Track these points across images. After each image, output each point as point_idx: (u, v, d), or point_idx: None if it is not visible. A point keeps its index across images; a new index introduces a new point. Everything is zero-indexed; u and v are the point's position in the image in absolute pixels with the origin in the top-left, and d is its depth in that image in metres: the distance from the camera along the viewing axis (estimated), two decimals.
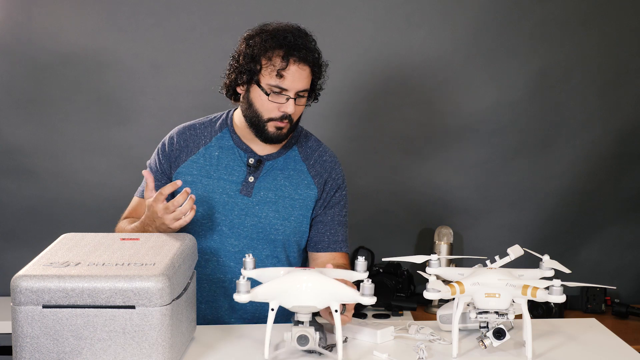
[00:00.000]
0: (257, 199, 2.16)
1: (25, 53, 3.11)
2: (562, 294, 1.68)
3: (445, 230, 3.20)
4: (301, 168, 2.21)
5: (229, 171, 2.17)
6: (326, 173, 2.22)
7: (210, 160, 2.19)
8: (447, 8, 3.16)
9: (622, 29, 3.19)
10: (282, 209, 2.16)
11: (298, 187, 2.19)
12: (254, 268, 1.79)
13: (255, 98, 2.11)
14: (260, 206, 2.15)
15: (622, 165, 3.30)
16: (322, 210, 2.21)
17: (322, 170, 2.22)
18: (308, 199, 2.19)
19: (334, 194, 2.22)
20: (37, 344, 1.57)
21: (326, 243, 2.22)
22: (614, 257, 3.37)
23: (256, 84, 2.09)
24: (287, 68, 2.06)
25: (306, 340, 1.68)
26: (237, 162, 2.18)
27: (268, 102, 2.08)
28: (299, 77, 2.07)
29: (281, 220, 2.16)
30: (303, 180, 2.20)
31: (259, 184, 2.17)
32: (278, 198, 2.16)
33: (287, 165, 2.21)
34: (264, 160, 2.19)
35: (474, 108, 3.24)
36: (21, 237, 3.25)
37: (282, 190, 2.17)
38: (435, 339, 1.86)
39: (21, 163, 3.20)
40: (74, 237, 1.83)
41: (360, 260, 1.77)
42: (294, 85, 2.07)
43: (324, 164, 2.23)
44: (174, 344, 1.64)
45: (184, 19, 3.14)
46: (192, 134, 2.24)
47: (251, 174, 2.17)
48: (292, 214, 2.17)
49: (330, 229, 2.22)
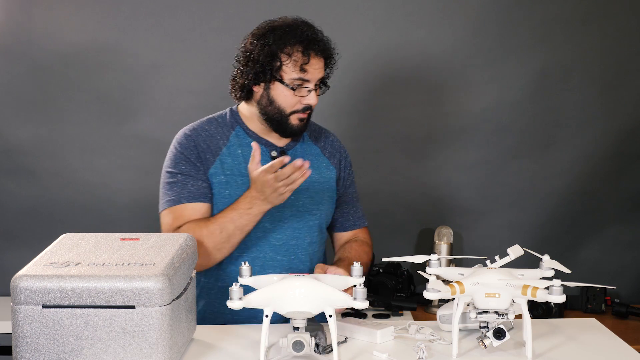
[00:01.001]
0: None
1: (25, 53, 3.11)
2: (562, 294, 1.68)
3: (445, 230, 3.20)
4: (316, 152, 2.28)
5: None
6: (337, 153, 2.30)
7: (236, 159, 2.20)
8: (447, 8, 3.16)
9: (622, 29, 3.19)
10: (314, 194, 2.22)
11: (320, 170, 2.25)
12: (250, 275, 1.80)
13: (277, 94, 2.14)
14: (295, 195, 2.15)
15: (622, 165, 3.29)
16: (344, 189, 2.30)
17: (333, 150, 2.30)
18: (331, 180, 2.27)
19: (349, 172, 2.31)
20: (37, 344, 1.57)
21: (352, 221, 2.31)
22: (614, 257, 3.37)
23: (278, 80, 2.12)
24: (310, 61, 2.11)
25: (301, 346, 1.69)
26: (261, 157, 2.18)
27: (292, 97, 2.13)
28: (318, 69, 2.14)
29: (316, 205, 2.22)
30: (322, 163, 2.27)
31: None
32: (308, 184, 2.19)
33: (305, 151, 2.26)
34: (285, 150, 2.23)
35: (474, 108, 3.23)
36: (21, 237, 3.25)
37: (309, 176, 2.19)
38: (435, 339, 1.86)
39: (21, 163, 3.20)
40: (74, 237, 1.83)
41: (356, 265, 1.77)
42: (315, 76, 2.13)
43: (333, 144, 2.32)
44: (174, 344, 1.64)
45: (184, 19, 3.14)
46: (207, 134, 2.22)
47: None
48: (323, 197, 2.24)
49: (352, 207, 2.32)
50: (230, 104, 3.32)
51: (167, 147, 3.23)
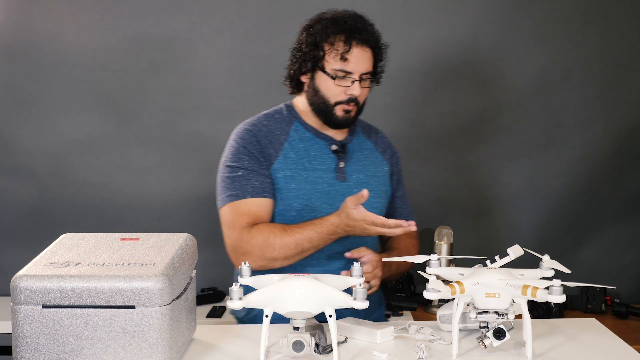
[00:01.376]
0: (352, 182, 2.20)
1: (25, 53, 3.11)
2: (562, 294, 1.68)
3: (445, 230, 3.20)
4: (370, 147, 2.29)
5: (319, 161, 2.20)
6: (388, 148, 2.32)
7: (299, 153, 2.20)
8: (447, 8, 3.16)
9: (622, 29, 3.19)
10: (375, 188, 2.22)
11: (376, 164, 2.27)
12: (250, 275, 1.80)
13: (320, 84, 2.15)
14: (358, 189, 2.16)
15: (622, 165, 3.30)
16: (397, 185, 2.32)
17: (385, 145, 2.32)
18: (386, 175, 2.28)
19: (400, 168, 2.33)
20: (37, 344, 1.57)
21: (404, 216, 2.31)
22: (614, 257, 3.37)
23: (321, 69, 2.14)
24: (350, 51, 2.11)
25: (301, 346, 1.69)
26: (322, 151, 2.21)
27: (334, 87, 2.13)
28: (362, 59, 2.12)
29: (377, 199, 2.23)
30: (377, 158, 2.29)
31: (349, 168, 2.22)
32: (369, 178, 2.21)
33: (361, 146, 2.27)
34: (345, 144, 2.24)
35: (474, 108, 3.24)
36: (21, 237, 3.25)
37: (368, 170, 2.23)
38: (435, 339, 1.86)
39: (21, 163, 3.20)
40: (74, 237, 1.83)
41: (356, 265, 1.77)
42: (358, 67, 2.12)
43: (383, 140, 2.33)
44: (174, 344, 1.64)
45: (184, 19, 3.14)
46: (267, 130, 2.21)
47: (341, 159, 2.21)
48: (382, 191, 2.25)
49: (404, 202, 2.34)
50: (230, 103, 3.32)
51: (167, 147, 3.25)
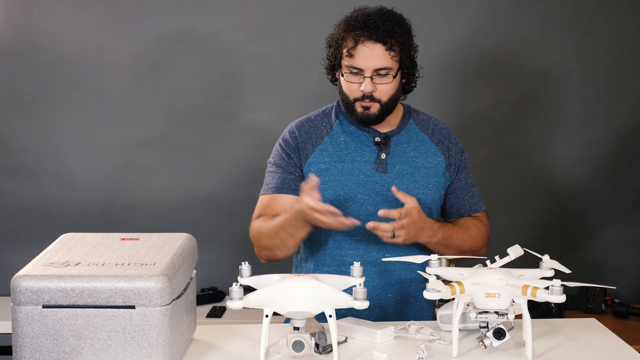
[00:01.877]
0: (393, 173, 2.20)
1: (25, 53, 3.12)
2: (562, 294, 1.68)
3: None
4: (423, 138, 2.27)
5: (359, 152, 2.21)
6: (446, 139, 2.29)
7: (338, 146, 2.22)
8: (447, 8, 3.16)
9: (622, 29, 3.19)
10: (419, 179, 2.21)
11: (427, 156, 2.24)
12: (250, 275, 1.80)
13: (342, 82, 2.17)
14: (399, 179, 2.18)
15: (622, 165, 3.30)
16: (455, 175, 2.29)
17: (442, 137, 2.29)
18: (439, 166, 2.25)
19: (461, 158, 2.30)
20: (37, 344, 1.57)
21: (467, 206, 2.30)
22: (614, 257, 3.37)
23: (339, 67, 2.16)
24: (355, 47, 2.11)
25: (301, 346, 1.69)
26: (365, 143, 2.21)
27: (347, 83, 2.14)
28: (370, 55, 2.11)
29: (422, 190, 2.20)
30: (429, 149, 2.26)
31: (392, 159, 2.21)
32: (413, 169, 2.20)
33: (411, 138, 2.26)
34: (389, 136, 2.23)
35: (474, 108, 3.24)
36: (21, 237, 3.25)
37: (414, 161, 2.22)
38: (435, 339, 1.86)
39: (21, 163, 3.20)
40: (74, 237, 1.83)
41: (356, 265, 1.77)
42: (367, 64, 2.11)
43: (442, 131, 2.30)
44: (174, 344, 1.64)
45: (184, 19, 3.14)
46: (311, 125, 2.26)
47: (382, 151, 2.21)
48: (429, 182, 2.22)
49: (467, 192, 2.30)
50: (230, 103, 3.33)
51: (166, 147, 3.25)
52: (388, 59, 2.13)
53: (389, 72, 2.14)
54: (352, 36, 2.11)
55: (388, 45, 2.12)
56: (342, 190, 2.18)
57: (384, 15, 2.15)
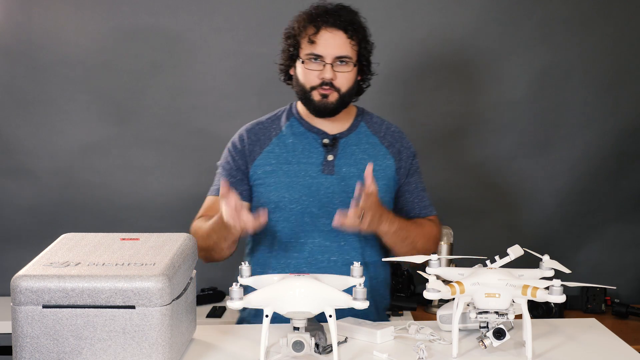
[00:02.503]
0: (340, 175, 2.20)
1: (25, 53, 3.12)
2: (562, 294, 1.68)
3: (445, 230, 3.20)
4: (374, 141, 2.27)
5: (306, 154, 2.21)
6: (398, 143, 2.29)
7: (285, 148, 2.23)
8: (447, 8, 3.16)
9: (622, 29, 3.19)
10: None
11: (376, 158, 2.24)
12: (250, 275, 1.80)
13: (298, 72, 2.18)
14: (345, 182, 2.18)
15: (622, 165, 3.30)
16: (406, 179, 2.29)
17: (393, 140, 2.29)
18: (388, 169, 2.25)
19: (412, 162, 2.31)
20: (37, 344, 1.57)
21: (417, 210, 2.31)
22: (614, 257, 3.37)
23: (297, 57, 2.17)
24: (317, 34, 2.12)
25: (301, 346, 1.69)
26: (312, 145, 2.22)
27: (307, 71, 2.15)
28: (332, 42, 2.13)
29: None
30: (379, 152, 2.26)
31: (339, 161, 2.21)
32: (360, 172, 2.19)
33: (360, 140, 2.26)
34: (338, 138, 2.23)
35: (474, 108, 3.24)
36: (21, 237, 3.25)
37: (362, 163, 2.21)
38: (435, 339, 1.86)
39: (21, 163, 3.20)
40: (74, 237, 1.83)
41: (356, 265, 1.77)
42: (328, 50, 2.13)
43: (394, 134, 2.31)
44: (174, 344, 1.64)
45: (184, 19, 3.14)
46: (260, 128, 2.28)
47: (329, 152, 2.21)
48: (379, 185, 2.19)
49: (417, 196, 2.31)
50: (230, 103, 3.32)
51: (167, 147, 3.25)
52: (349, 48, 2.15)
53: (349, 61, 2.15)
54: (314, 24, 2.13)
55: (349, 34, 2.14)
56: (287, 192, 2.18)
57: (343, 7, 2.18)
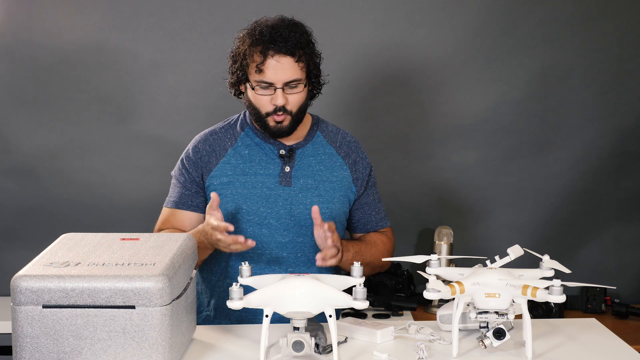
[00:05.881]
0: (297, 187, 2.20)
1: (25, 53, 3.12)
2: (562, 294, 1.68)
3: (445, 230, 3.20)
4: (330, 151, 2.27)
5: (263, 166, 2.20)
6: (354, 153, 2.29)
7: (242, 159, 2.22)
8: (447, 8, 3.16)
9: (622, 29, 3.19)
10: (324, 193, 2.21)
11: (333, 169, 2.24)
12: (250, 275, 1.80)
13: (250, 95, 2.16)
14: (303, 193, 2.19)
15: (622, 165, 3.29)
16: (363, 191, 2.29)
17: (349, 150, 2.29)
18: (344, 180, 2.25)
19: (369, 174, 2.30)
20: (37, 344, 1.57)
21: (374, 222, 2.32)
22: (614, 257, 3.37)
23: (248, 81, 2.14)
24: (264, 62, 2.09)
25: (301, 346, 1.69)
26: (269, 156, 2.21)
27: (258, 97, 2.13)
28: (280, 69, 2.09)
29: (327, 204, 2.20)
30: (335, 162, 2.26)
31: (296, 172, 2.21)
32: (318, 183, 2.20)
33: (317, 151, 2.25)
34: (294, 148, 2.22)
35: (474, 108, 3.23)
36: (21, 237, 3.25)
37: (319, 174, 2.22)
38: (435, 339, 1.86)
39: (21, 163, 3.20)
40: (74, 237, 1.83)
41: (356, 265, 1.77)
42: (277, 77, 2.10)
43: (350, 145, 2.30)
44: (174, 344, 1.64)
45: (184, 19, 3.14)
46: (215, 138, 2.26)
47: (286, 164, 2.20)
48: (334, 196, 2.22)
49: (374, 208, 2.32)
50: (229, 103, 3.32)
51: (167, 147, 3.25)
52: (297, 71, 2.11)
53: (299, 83, 2.12)
54: (260, 50, 2.09)
55: (297, 57, 2.10)
56: (244, 204, 2.17)
57: (287, 26, 2.12)
